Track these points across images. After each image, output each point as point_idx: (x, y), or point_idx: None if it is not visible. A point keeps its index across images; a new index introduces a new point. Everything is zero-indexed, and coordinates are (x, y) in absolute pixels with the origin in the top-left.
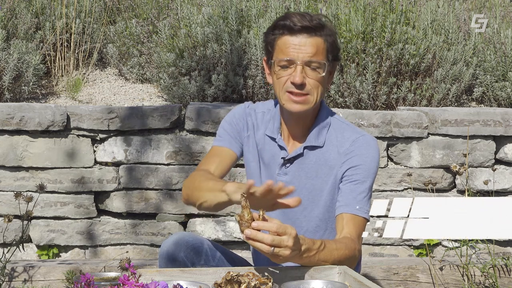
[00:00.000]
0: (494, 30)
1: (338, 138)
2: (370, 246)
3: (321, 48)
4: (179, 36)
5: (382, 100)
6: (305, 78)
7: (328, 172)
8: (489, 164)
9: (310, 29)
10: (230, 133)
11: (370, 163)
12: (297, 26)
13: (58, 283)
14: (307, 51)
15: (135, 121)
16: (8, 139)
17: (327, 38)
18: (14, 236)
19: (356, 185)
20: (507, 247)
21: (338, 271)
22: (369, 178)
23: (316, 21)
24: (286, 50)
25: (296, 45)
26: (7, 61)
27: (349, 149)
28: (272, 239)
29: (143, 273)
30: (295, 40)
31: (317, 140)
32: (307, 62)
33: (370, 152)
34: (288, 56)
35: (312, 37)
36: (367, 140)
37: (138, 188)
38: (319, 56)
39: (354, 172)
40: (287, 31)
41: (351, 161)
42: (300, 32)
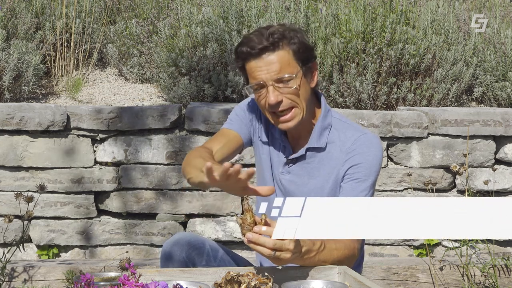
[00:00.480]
0: (494, 30)
1: (341, 137)
2: (370, 246)
3: (286, 60)
4: (179, 36)
5: (382, 100)
6: (279, 95)
7: (330, 171)
8: (489, 164)
9: (269, 47)
10: (242, 118)
11: (371, 161)
12: (255, 50)
13: (58, 283)
14: (273, 70)
15: (135, 121)
16: (8, 139)
17: (290, 46)
18: (14, 236)
19: (358, 184)
20: (507, 247)
21: (338, 271)
22: (370, 176)
23: (273, 36)
24: (254, 75)
25: (262, 67)
26: (7, 61)
27: (350, 147)
28: (273, 243)
29: (143, 273)
30: (259, 62)
31: (319, 142)
32: (276, 80)
33: (372, 150)
34: (257, 80)
35: (273, 53)
36: (369, 138)
37: (138, 188)
38: (287, 69)
39: (356, 171)
40: (248, 56)
41: (353, 159)
42: (260, 54)
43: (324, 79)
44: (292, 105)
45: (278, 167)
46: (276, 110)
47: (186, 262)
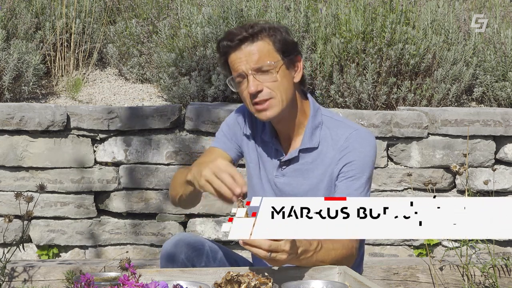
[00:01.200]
0: (494, 30)
1: (333, 136)
2: (370, 246)
3: (266, 50)
4: (179, 36)
5: (382, 100)
6: (259, 84)
7: (324, 170)
8: (489, 164)
9: (248, 38)
10: (227, 134)
11: (364, 158)
12: (235, 41)
13: (58, 283)
14: (252, 59)
15: (135, 121)
16: (8, 139)
17: (271, 38)
18: (14, 236)
19: (352, 182)
20: (507, 247)
21: (338, 271)
22: (365, 173)
23: (254, 28)
24: (235, 66)
25: (241, 58)
26: (7, 61)
27: (343, 145)
28: (269, 245)
29: (143, 273)
30: (239, 53)
31: (311, 142)
32: (256, 69)
33: (365, 146)
34: (238, 71)
35: (253, 44)
36: (361, 134)
37: (138, 188)
38: (267, 58)
39: (350, 168)
40: (228, 49)
41: (346, 157)
42: (239, 44)
43: (324, 79)
44: (271, 95)
45: (272, 171)
46: (255, 99)
47: (185, 263)
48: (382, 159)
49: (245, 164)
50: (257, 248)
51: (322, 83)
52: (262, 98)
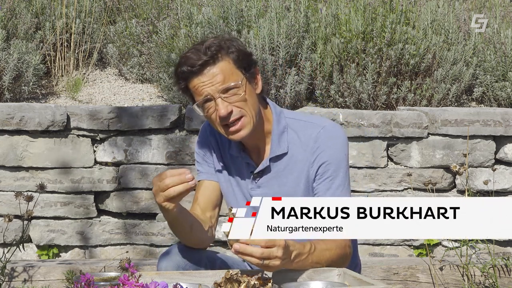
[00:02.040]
0: (494, 30)
1: (301, 138)
2: (370, 246)
3: (228, 69)
4: (179, 36)
5: (382, 100)
6: (229, 105)
7: (299, 174)
8: (489, 164)
9: (209, 61)
10: (202, 162)
11: (338, 154)
12: (196, 67)
13: (58, 283)
14: (217, 81)
15: (135, 121)
16: (8, 139)
17: (230, 55)
18: (14, 236)
19: (331, 181)
20: (507, 247)
21: (337, 273)
22: (341, 169)
23: (211, 48)
24: (198, 91)
25: (205, 82)
26: (7, 61)
27: (314, 146)
28: (261, 252)
29: (143, 274)
30: (202, 78)
31: (279, 148)
32: (222, 91)
33: (335, 142)
34: (203, 95)
35: (214, 66)
36: (329, 131)
37: (138, 188)
38: (231, 78)
39: (325, 169)
40: (189, 74)
41: (320, 158)
42: (201, 69)
43: (324, 79)
44: (242, 114)
45: (246, 184)
46: (227, 121)
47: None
48: (382, 159)
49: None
50: (250, 256)
51: (322, 83)
52: (234, 118)
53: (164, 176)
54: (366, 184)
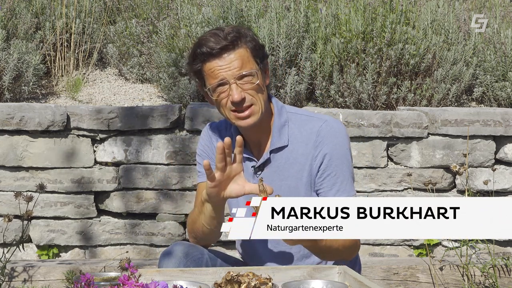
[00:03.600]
0: (494, 30)
1: (302, 132)
2: (370, 246)
3: (246, 57)
4: (179, 36)
5: (382, 100)
6: (242, 92)
7: (300, 168)
8: (489, 164)
9: (229, 46)
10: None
11: (340, 149)
12: (216, 49)
13: (58, 283)
14: (235, 67)
15: (135, 121)
16: (8, 139)
17: (248, 44)
18: (14, 236)
19: (335, 177)
20: (507, 247)
21: (338, 271)
22: (344, 164)
23: (231, 35)
24: (214, 74)
25: (222, 66)
26: (7, 61)
27: (316, 140)
28: None
29: (143, 273)
30: (219, 62)
31: (280, 141)
32: (238, 77)
33: (338, 136)
34: (218, 79)
35: (233, 51)
36: (331, 125)
37: (138, 188)
38: (247, 66)
39: (329, 164)
40: (207, 57)
41: (323, 152)
42: (220, 53)
43: (324, 79)
44: (253, 102)
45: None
46: (239, 107)
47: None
48: (382, 159)
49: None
50: None
51: (322, 83)
52: (245, 105)
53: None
54: (366, 184)
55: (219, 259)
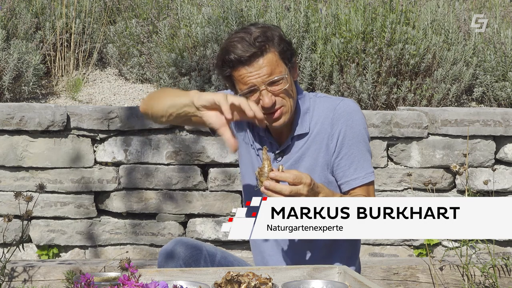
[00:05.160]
0: (494, 30)
1: (320, 112)
2: (370, 246)
3: (274, 61)
4: (179, 36)
5: (382, 100)
6: (272, 96)
7: (317, 147)
8: (489, 164)
9: (257, 53)
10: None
11: (357, 127)
12: (244, 58)
13: (58, 283)
14: (264, 73)
15: (135, 121)
16: (8, 139)
17: (276, 48)
18: (14, 236)
19: (352, 156)
20: (507, 247)
21: (338, 271)
22: (361, 142)
23: (258, 40)
24: (244, 80)
25: (252, 72)
26: (7, 61)
27: (333, 118)
28: (290, 190)
29: (143, 273)
30: (249, 68)
31: (301, 128)
32: (268, 83)
33: (354, 115)
34: (248, 85)
35: (262, 57)
36: (347, 104)
37: (138, 188)
38: (277, 70)
39: (345, 142)
40: (237, 64)
41: (338, 131)
42: (250, 60)
43: (324, 79)
44: (283, 104)
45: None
46: (271, 111)
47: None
48: (382, 159)
49: (238, 158)
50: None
51: (322, 83)
52: (276, 108)
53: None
54: None
55: (218, 255)
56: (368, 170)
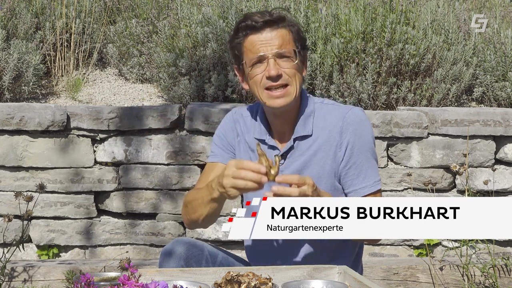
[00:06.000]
0: (494, 30)
1: (327, 120)
2: (370, 246)
3: (287, 38)
4: (179, 36)
5: (382, 100)
6: (280, 69)
7: (324, 156)
8: (489, 164)
9: (273, 22)
10: (221, 146)
11: (366, 136)
12: (259, 23)
13: (58, 283)
14: (275, 43)
15: (135, 121)
16: (8, 139)
17: (291, 28)
18: (14, 236)
19: (361, 165)
20: (507, 247)
21: (338, 271)
22: (369, 151)
23: (276, 14)
24: (254, 48)
25: (263, 41)
26: (7, 61)
27: (342, 127)
28: (298, 192)
29: (143, 273)
30: (261, 36)
31: (304, 130)
32: (277, 54)
33: (363, 125)
34: (257, 53)
35: (276, 29)
36: (356, 114)
37: (138, 188)
38: (288, 45)
39: (355, 152)
40: (250, 30)
41: (347, 141)
42: (263, 27)
43: (324, 79)
44: (288, 82)
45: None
46: (274, 82)
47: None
48: (382, 159)
49: None
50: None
51: (322, 83)
52: (281, 83)
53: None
54: None
55: (219, 256)
56: (376, 178)
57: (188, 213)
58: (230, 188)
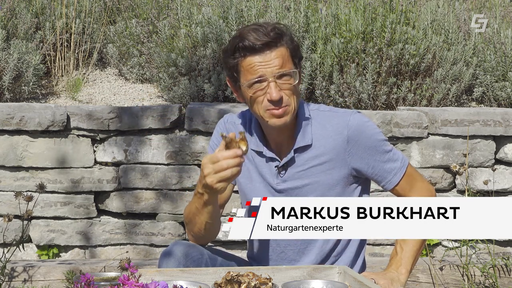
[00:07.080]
0: (494, 30)
1: (328, 128)
2: (370, 246)
3: (286, 56)
4: (179, 36)
5: (382, 100)
6: (280, 91)
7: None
8: (489, 164)
9: (271, 43)
10: None
11: (375, 135)
12: (258, 45)
13: (58, 283)
14: (275, 65)
15: (135, 121)
16: (8, 139)
17: (288, 44)
18: (14, 236)
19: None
20: (507, 247)
21: (338, 271)
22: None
23: (273, 32)
24: (253, 70)
25: (263, 62)
26: (7, 61)
27: (349, 135)
28: None
29: (143, 273)
30: (259, 58)
31: (304, 140)
32: (278, 76)
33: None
34: (257, 75)
35: (275, 49)
36: (358, 118)
37: (138, 188)
38: (287, 65)
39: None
40: (248, 52)
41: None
42: (262, 49)
43: (324, 79)
44: (288, 103)
45: (271, 180)
46: (277, 106)
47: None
48: None
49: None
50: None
51: (322, 83)
52: (281, 105)
53: (217, 159)
54: None
55: (219, 259)
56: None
57: (192, 230)
58: (217, 184)
